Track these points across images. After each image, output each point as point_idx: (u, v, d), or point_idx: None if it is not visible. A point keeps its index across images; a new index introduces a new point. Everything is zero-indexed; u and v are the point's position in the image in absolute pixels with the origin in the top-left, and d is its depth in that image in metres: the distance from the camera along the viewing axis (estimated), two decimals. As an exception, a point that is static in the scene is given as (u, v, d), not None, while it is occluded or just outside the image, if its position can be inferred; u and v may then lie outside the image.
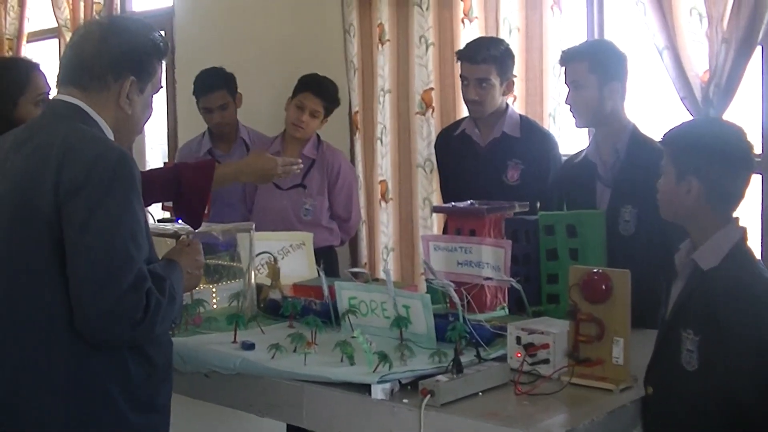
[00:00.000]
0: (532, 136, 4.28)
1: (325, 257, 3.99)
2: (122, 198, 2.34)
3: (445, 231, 3.57)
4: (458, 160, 4.40)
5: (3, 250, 2.41)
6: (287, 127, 4.91)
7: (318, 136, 4.97)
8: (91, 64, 2.52)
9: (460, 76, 4.29)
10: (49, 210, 2.32)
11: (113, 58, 2.51)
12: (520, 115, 4.40)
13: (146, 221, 2.47)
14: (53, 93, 2.62)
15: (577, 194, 3.67)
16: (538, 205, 3.55)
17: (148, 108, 2.65)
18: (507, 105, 4.33)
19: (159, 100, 6.52)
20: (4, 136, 2.66)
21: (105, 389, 2.38)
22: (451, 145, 4.47)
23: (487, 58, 4.16)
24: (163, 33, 6.43)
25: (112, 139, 2.54)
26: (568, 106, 3.72)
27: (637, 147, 3.57)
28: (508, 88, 4.30)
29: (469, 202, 3.62)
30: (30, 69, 3.54)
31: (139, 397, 2.44)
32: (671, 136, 2.66)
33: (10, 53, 7.39)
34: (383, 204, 5.34)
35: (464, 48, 4.34)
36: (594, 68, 3.59)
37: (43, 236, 2.34)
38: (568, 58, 3.71)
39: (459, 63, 4.30)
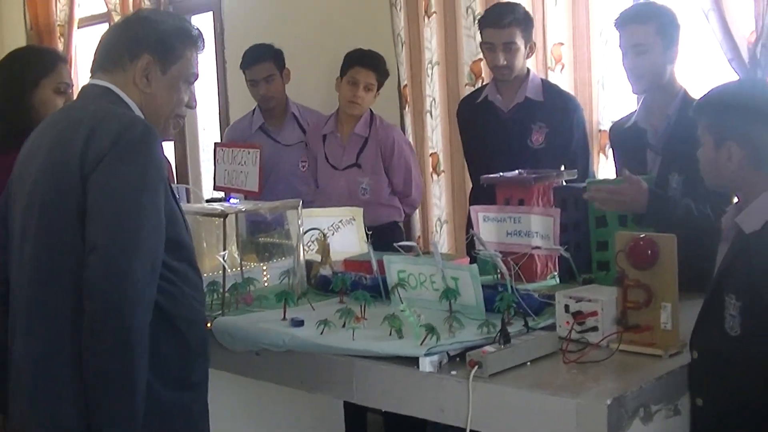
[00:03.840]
0: (556, 100, 4.32)
1: (388, 233, 4.01)
2: (141, 167, 2.37)
3: (491, 201, 3.55)
4: (482, 126, 4.44)
5: (37, 222, 2.45)
6: (343, 105, 4.91)
7: (371, 112, 4.98)
8: (111, 49, 2.61)
9: (484, 42, 4.34)
10: (76, 181, 2.37)
11: (130, 39, 2.59)
12: (542, 79, 4.44)
13: (179, 205, 2.54)
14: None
15: (627, 161, 3.61)
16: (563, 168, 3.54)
17: (173, 91, 2.64)
18: (528, 70, 4.37)
19: (210, 83, 6.59)
20: (45, 119, 2.73)
21: None
22: (474, 112, 4.51)
23: (512, 21, 4.20)
24: (211, 13, 6.51)
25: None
26: (625, 71, 3.58)
27: (688, 112, 3.49)
28: (531, 51, 4.34)
29: (517, 171, 3.61)
30: (58, 58, 3.66)
31: (171, 375, 2.47)
32: (701, 105, 2.59)
33: (62, 40, 7.43)
34: (435, 177, 5.31)
35: (486, 14, 4.39)
36: (660, 31, 3.46)
37: (71, 208, 2.37)
38: (629, 20, 3.53)
39: (481, 31, 4.34)
